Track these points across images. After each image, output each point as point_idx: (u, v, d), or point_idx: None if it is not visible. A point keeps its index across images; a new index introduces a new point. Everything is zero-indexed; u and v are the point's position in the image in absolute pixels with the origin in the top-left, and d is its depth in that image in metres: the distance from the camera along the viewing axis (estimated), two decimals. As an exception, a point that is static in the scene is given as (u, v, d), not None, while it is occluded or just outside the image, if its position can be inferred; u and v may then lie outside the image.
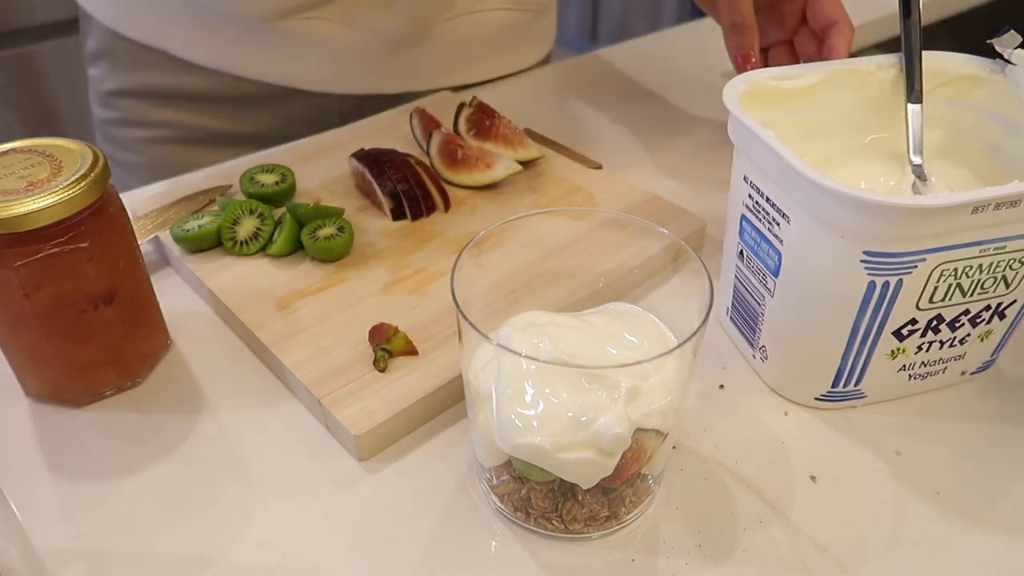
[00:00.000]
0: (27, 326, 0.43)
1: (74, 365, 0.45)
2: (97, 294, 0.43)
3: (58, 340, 0.44)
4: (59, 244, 0.41)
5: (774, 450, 0.46)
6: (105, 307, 0.44)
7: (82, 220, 0.42)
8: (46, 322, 0.43)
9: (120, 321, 0.45)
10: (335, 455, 0.45)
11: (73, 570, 0.39)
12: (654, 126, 0.78)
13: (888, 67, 0.50)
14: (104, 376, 0.47)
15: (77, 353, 0.45)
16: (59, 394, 0.47)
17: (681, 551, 0.40)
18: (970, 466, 0.45)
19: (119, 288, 0.44)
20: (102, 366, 0.46)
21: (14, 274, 0.40)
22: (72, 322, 0.43)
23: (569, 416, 0.36)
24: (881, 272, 0.41)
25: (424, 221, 0.60)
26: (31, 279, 0.41)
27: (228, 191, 0.63)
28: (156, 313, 0.49)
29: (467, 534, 0.41)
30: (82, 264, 0.42)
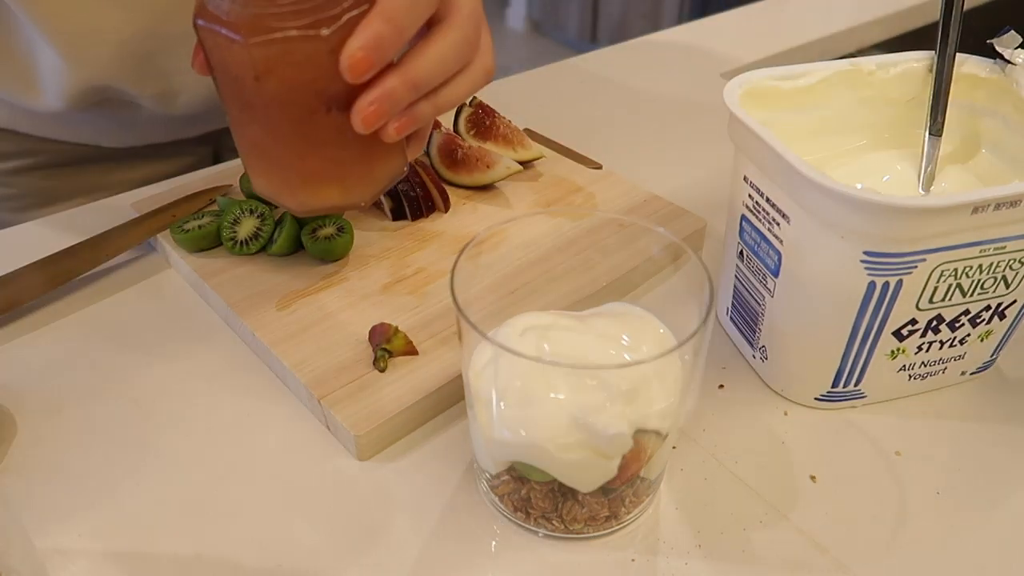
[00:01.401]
0: (255, 115, 0.39)
1: (299, 172, 0.41)
2: (332, 95, 0.38)
3: (284, 139, 0.40)
4: (301, 27, 0.36)
5: (774, 450, 0.46)
6: (339, 113, 0.39)
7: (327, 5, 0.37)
8: (276, 113, 0.39)
9: (354, 135, 0.39)
10: (335, 455, 0.45)
11: (73, 570, 0.39)
12: (654, 126, 0.78)
13: (888, 67, 0.50)
14: (327, 193, 0.42)
15: (303, 159, 0.41)
16: (281, 199, 0.43)
17: (681, 551, 0.40)
18: (970, 466, 0.45)
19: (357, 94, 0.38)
20: (327, 181, 0.42)
21: (247, 52, 0.36)
22: (301, 121, 0.39)
23: (569, 417, 0.36)
24: (881, 272, 0.41)
25: (424, 221, 0.60)
26: (264, 61, 0.36)
27: (228, 191, 0.63)
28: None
29: (467, 534, 0.41)
30: (322, 55, 0.37)
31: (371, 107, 0.38)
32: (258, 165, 0.43)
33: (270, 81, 0.37)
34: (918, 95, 0.51)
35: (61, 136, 0.71)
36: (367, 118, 0.38)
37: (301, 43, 0.36)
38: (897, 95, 0.51)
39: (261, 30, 0.36)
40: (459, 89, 0.42)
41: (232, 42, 0.36)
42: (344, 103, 0.38)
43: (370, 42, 0.36)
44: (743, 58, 0.92)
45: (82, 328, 0.53)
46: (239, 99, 0.39)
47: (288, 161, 0.41)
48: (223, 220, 0.57)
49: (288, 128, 0.39)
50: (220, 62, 0.38)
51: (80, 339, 0.52)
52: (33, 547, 0.40)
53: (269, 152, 0.41)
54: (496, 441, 0.39)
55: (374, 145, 0.41)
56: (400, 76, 0.38)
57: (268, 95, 0.38)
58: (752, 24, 1.03)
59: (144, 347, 0.52)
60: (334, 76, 0.37)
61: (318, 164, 0.41)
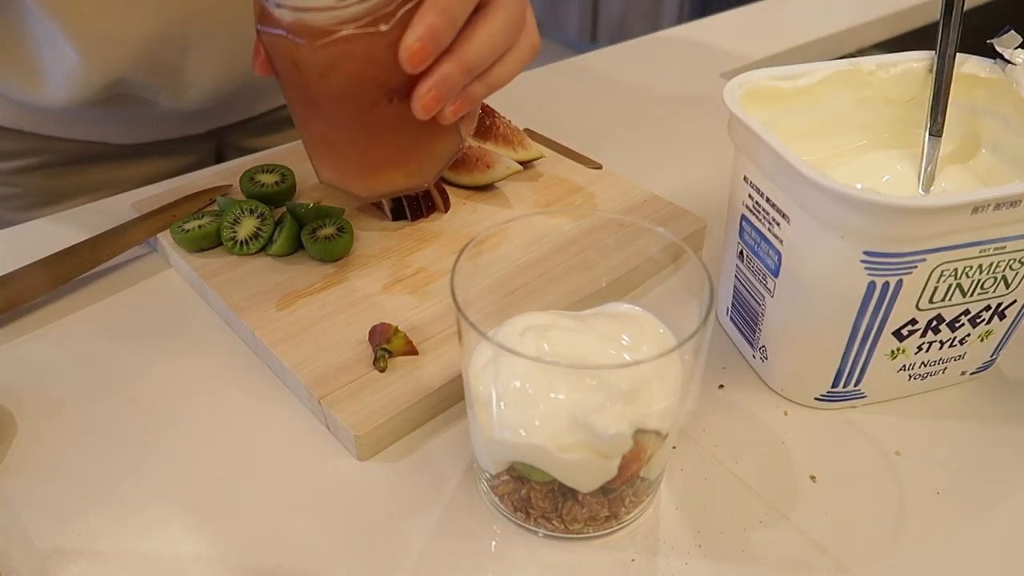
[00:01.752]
0: (321, 110, 0.42)
1: (365, 160, 0.44)
2: (392, 86, 0.40)
3: (350, 130, 0.42)
4: (361, 26, 0.38)
5: (774, 450, 0.46)
6: (399, 102, 0.41)
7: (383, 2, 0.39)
8: (340, 107, 0.41)
9: (413, 121, 0.42)
10: (335, 455, 0.45)
11: (73, 570, 0.39)
12: (654, 126, 0.78)
13: (888, 67, 0.50)
14: (392, 177, 0.45)
15: (367, 148, 0.43)
16: (348, 186, 0.45)
17: (681, 551, 0.40)
18: (970, 466, 0.45)
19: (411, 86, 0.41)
20: (391, 166, 0.44)
21: (312, 54, 0.39)
22: (364, 113, 0.41)
23: (569, 417, 0.36)
24: (881, 272, 0.41)
25: (424, 221, 0.60)
26: (328, 60, 0.39)
27: (228, 191, 0.63)
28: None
29: (467, 534, 0.41)
30: (381, 50, 0.39)
31: (430, 93, 0.40)
32: (325, 157, 0.45)
33: (334, 78, 0.39)
34: (918, 95, 0.51)
35: (67, 134, 0.71)
36: (426, 104, 0.40)
37: (362, 40, 0.38)
38: (897, 95, 0.51)
39: (324, 32, 0.38)
40: (508, 67, 0.44)
41: (297, 46, 0.38)
42: (403, 92, 0.40)
43: (426, 33, 0.38)
44: (743, 58, 0.92)
45: (82, 328, 0.53)
46: (304, 97, 0.42)
47: (354, 151, 0.43)
48: (223, 220, 0.57)
49: (352, 120, 0.42)
50: (285, 65, 0.40)
51: (80, 339, 0.52)
52: (33, 547, 0.40)
53: (335, 144, 0.43)
54: (496, 441, 0.39)
55: (432, 128, 0.43)
56: (454, 61, 0.40)
57: (333, 91, 0.40)
58: (752, 24, 1.03)
59: (144, 347, 0.52)
60: (393, 68, 0.39)
61: (382, 151, 0.43)
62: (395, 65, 0.39)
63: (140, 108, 0.70)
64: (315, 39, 0.38)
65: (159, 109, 0.70)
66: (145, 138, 0.74)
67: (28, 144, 0.71)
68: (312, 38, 0.38)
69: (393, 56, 0.39)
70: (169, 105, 0.69)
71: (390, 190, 0.46)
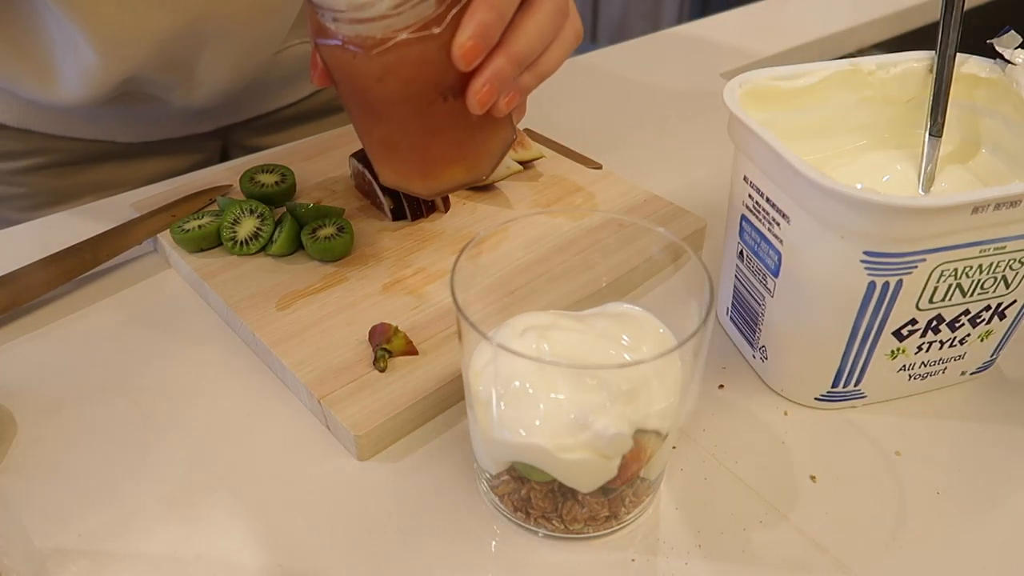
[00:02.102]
0: (380, 115, 0.43)
1: (425, 159, 0.45)
2: (447, 85, 0.42)
3: (409, 131, 0.43)
4: (414, 31, 0.39)
5: (774, 450, 0.46)
6: (454, 100, 0.42)
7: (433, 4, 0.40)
8: (398, 110, 0.42)
9: (467, 117, 0.43)
10: (335, 455, 0.45)
11: (73, 570, 0.39)
12: (654, 126, 0.78)
13: (888, 67, 0.50)
14: (452, 172, 0.46)
15: (427, 147, 0.44)
16: (411, 186, 0.47)
17: (681, 551, 0.40)
18: (970, 466, 0.45)
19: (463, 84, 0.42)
20: (450, 162, 0.45)
21: (368, 61, 0.40)
22: (422, 113, 0.42)
23: (569, 417, 0.36)
24: (881, 272, 0.41)
25: (424, 221, 0.60)
26: (384, 67, 0.40)
27: (228, 191, 0.63)
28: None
29: (467, 534, 0.41)
30: (435, 51, 0.40)
31: (484, 88, 0.41)
32: (386, 159, 0.46)
33: (391, 83, 0.41)
34: (918, 95, 0.51)
35: (74, 133, 0.71)
36: (481, 99, 0.41)
37: (416, 45, 0.39)
38: (897, 95, 0.51)
39: (379, 40, 0.39)
40: (556, 56, 0.45)
41: (354, 55, 0.40)
42: (457, 90, 0.42)
43: (477, 31, 0.39)
44: (743, 58, 0.92)
45: (82, 328, 0.53)
46: (363, 104, 0.43)
47: (414, 151, 0.45)
48: (223, 220, 0.57)
49: (410, 121, 0.43)
50: (343, 74, 0.42)
51: (80, 339, 0.52)
52: (33, 547, 0.40)
53: (395, 146, 0.45)
54: (496, 441, 0.39)
55: (486, 121, 0.44)
56: (505, 55, 0.41)
57: (390, 96, 0.41)
58: (752, 24, 1.03)
59: (144, 347, 0.52)
60: (447, 68, 0.40)
61: (441, 149, 0.45)
62: (449, 65, 0.40)
63: (150, 106, 0.70)
64: (371, 48, 0.39)
65: (168, 107, 0.70)
66: (152, 136, 0.74)
67: (35, 144, 0.71)
68: (368, 47, 0.39)
69: (446, 57, 0.40)
70: (180, 103, 0.69)
71: (452, 185, 0.47)
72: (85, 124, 0.71)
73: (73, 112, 0.68)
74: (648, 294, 0.55)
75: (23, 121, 0.69)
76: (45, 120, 0.69)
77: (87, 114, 0.69)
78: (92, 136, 0.72)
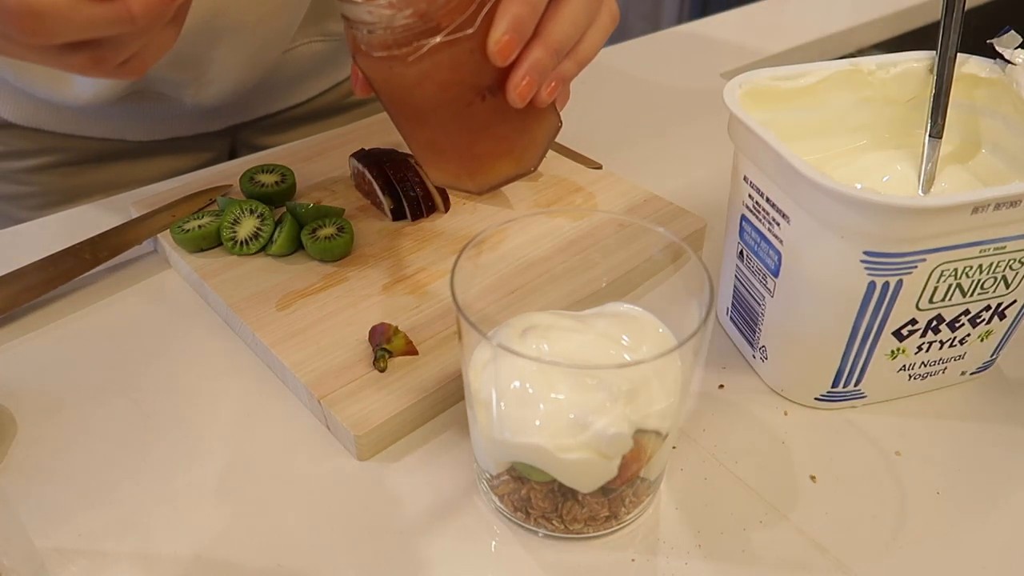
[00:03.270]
0: (423, 119, 0.44)
1: (472, 157, 0.45)
2: (484, 83, 0.42)
3: (452, 132, 0.44)
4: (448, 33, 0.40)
5: (774, 450, 0.46)
6: (492, 97, 0.43)
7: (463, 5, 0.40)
8: (439, 113, 0.43)
9: (508, 111, 0.43)
10: (335, 455, 0.45)
11: (73, 570, 0.39)
12: (654, 126, 0.78)
13: (888, 67, 0.50)
14: (501, 167, 0.46)
15: (472, 145, 0.45)
16: (461, 184, 0.47)
17: (681, 551, 0.40)
18: (970, 466, 0.45)
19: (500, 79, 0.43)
20: (498, 157, 0.46)
21: (406, 69, 0.41)
22: (464, 113, 0.43)
23: (569, 417, 0.36)
24: (881, 272, 0.41)
25: (424, 221, 0.60)
26: (421, 73, 0.41)
27: (228, 191, 0.63)
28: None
29: (467, 534, 0.41)
30: (470, 52, 0.41)
31: (523, 81, 0.41)
32: (434, 161, 0.47)
33: (429, 88, 0.41)
34: (918, 95, 0.51)
35: (85, 131, 0.71)
36: (522, 92, 0.41)
37: (450, 47, 0.40)
38: (897, 95, 0.51)
39: (413, 49, 0.40)
40: (594, 41, 0.45)
41: (391, 65, 0.41)
42: (496, 86, 0.42)
43: (511, 25, 0.39)
44: (743, 58, 0.92)
45: (82, 328, 0.53)
46: (406, 109, 0.44)
47: (460, 150, 0.45)
48: (223, 220, 0.57)
49: (453, 122, 0.43)
50: (382, 83, 0.43)
51: (80, 339, 0.52)
52: (33, 547, 0.40)
53: (441, 147, 0.45)
54: (496, 441, 0.39)
55: (529, 113, 0.45)
56: (542, 45, 0.41)
57: (430, 100, 0.42)
58: (752, 24, 1.03)
59: (144, 347, 0.52)
60: (483, 67, 0.41)
61: (487, 145, 0.45)
62: (484, 64, 0.41)
63: (160, 104, 0.70)
64: (405, 56, 0.40)
65: (179, 106, 0.70)
66: (162, 135, 0.74)
67: (45, 143, 0.71)
68: (402, 56, 0.40)
69: (481, 56, 0.40)
70: (190, 101, 0.69)
71: (502, 180, 0.47)
72: (96, 123, 0.71)
73: (84, 111, 0.69)
74: (648, 294, 0.55)
75: (34, 120, 0.69)
76: (56, 119, 0.70)
77: (98, 113, 0.69)
78: (102, 135, 0.72)
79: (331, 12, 0.75)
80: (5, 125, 0.70)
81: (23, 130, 0.70)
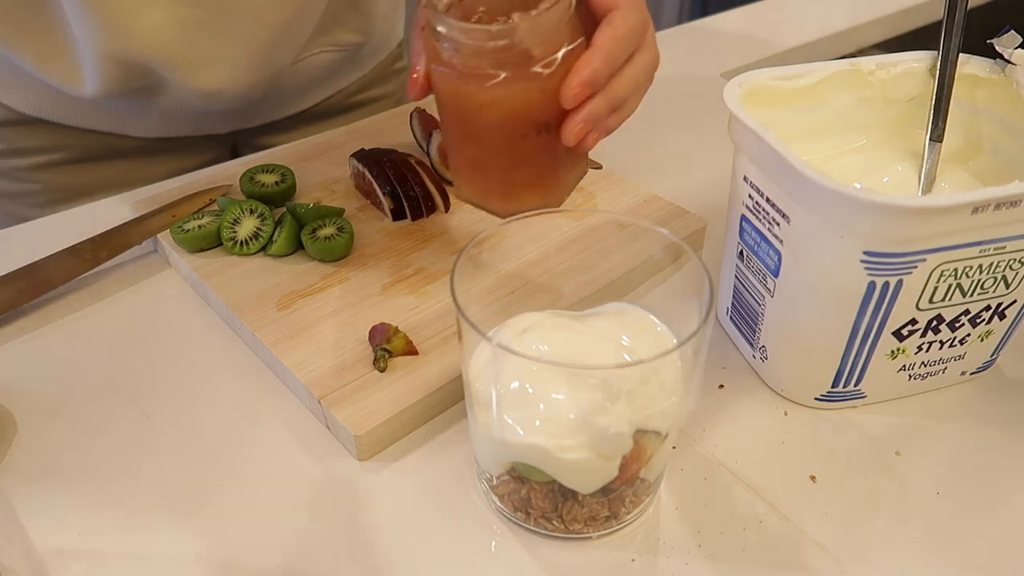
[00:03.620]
0: (475, 139, 0.46)
1: (508, 182, 0.48)
2: (543, 120, 0.45)
3: (499, 156, 0.46)
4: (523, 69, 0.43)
5: (774, 450, 0.46)
6: (544, 135, 0.45)
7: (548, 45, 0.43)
8: (494, 137, 0.45)
9: (553, 150, 0.46)
10: (335, 455, 0.45)
11: (73, 570, 0.39)
12: (654, 126, 0.78)
13: (888, 67, 0.50)
14: (529, 197, 0.49)
15: (511, 172, 0.47)
16: (488, 204, 0.49)
17: (681, 551, 0.40)
18: (970, 466, 0.45)
19: (558, 120, 0.45)
20: (530, 188, 0.48)
21: (480, 92, 0.43)
22: (514, 143, 0.45)
23: (570, 418, 0.36)
24: (881, 272, 0.41)
25: (424, 221, 0.60)
26: (491, 98, 0.43)
27: (228, 191, 0.63)
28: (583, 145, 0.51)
29: (467, 534, 0.41)
30: (537, 92, 0.44)
31: (579, 125, 0.44)
32: (470, 177, 0.49)
33: (495, 113, 0.44)
34: (918, 95, 0.51)
35: (91, 124, 0.71)
36: (577, 134, 0.44)
37: (528, 81, 0.43)
38: (897, 95, 0.51)
39: (490, 75, 0.42)
40: (637, 99, 0.49)
41: (466, 83, 0.43)
42: (552, 125, 0.45)
43: (589, 78, 0.43)
44: (743, 58, 0.92)
45: (82, 328, 0.53)
46: (464, 125, 0.46)
47: (499, 174, 0.48)
48: (223, 220, 0.57)
49: (503, 148, 0.46)
50: (450, 97, 0.45)
51: (80, 339, 0.52)
52: (33, 547, 0.40)
53: (483, 167, 0.48)
54: (496, 441, 0.39)
55: (569, 155, 0.48)
56: (604, 99, 0.44)
57: (491, 124, 0.45)
58: (752, 24, 1.03)
59: (144, 347, 0.52)
60: (548, 106, 0.44)
61: (524, 175, 0.48)
62: (550, 103, 0.44)
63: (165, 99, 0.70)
64: (484, 80, 0.43)
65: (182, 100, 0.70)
66: (166, 133, 0.74)
67: (49, 139, 0.71)
68: (482, 79, 0.43)
69: (550, 96, 0.43)
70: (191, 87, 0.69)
71: (526, 208, 0.48)
72: (101, 115, 0.71)
73: (90, 103, 0.69)
74: (648, 294, 0.55)
75: (40, 110, 0.69)
76: (62, 110, 0.70)
77: (104, 104, 0.70)
78: (107, 128, 0.72)
79: (344, 23, 0.75)
80: (8, 123, 0.70)
81: (27, 127, 0.70)
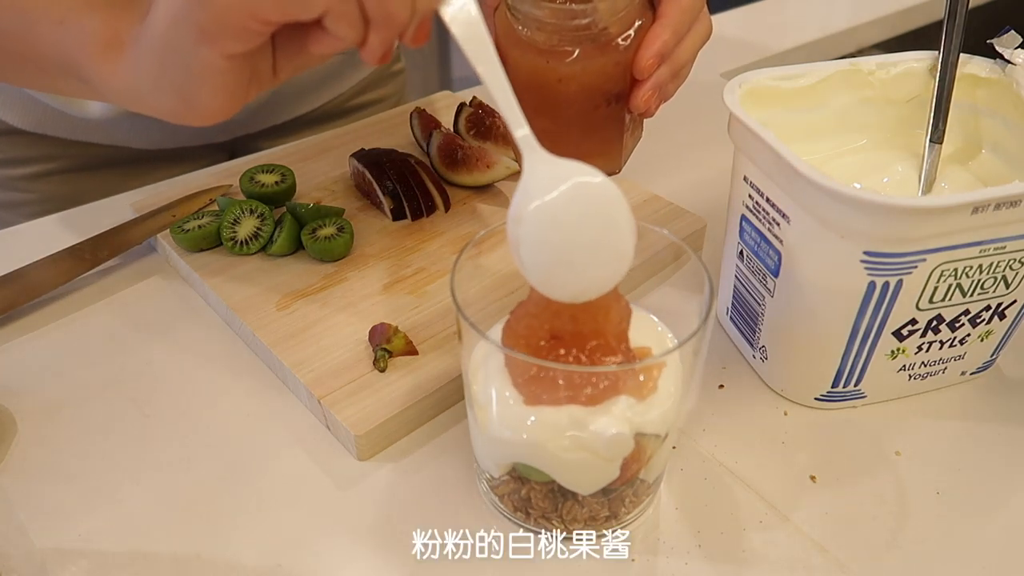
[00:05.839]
0: (550, 111, 0.48)
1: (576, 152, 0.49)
2: (614, 92, 0.47)
3: (571, 127, 0.49)
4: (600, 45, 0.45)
5: (774, 450, 0.46)
6: (614, 105, 0.48)
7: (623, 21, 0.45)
8: (568, 109, 0.47)
9: (620, 118, 0.49)
10: (335, 455, 0.45)
11: (73, 570, 0.39)
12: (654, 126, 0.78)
13: (888, 67, 0.50)
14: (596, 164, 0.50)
15: (581, 142, 0.50)
16: None
17: (681, 551, 0.40)
18: (970, 466, 0.45)
19: (627, 90, 0.47)
20: (596, 156, 0.49)
21: (560, 67, 0.45)
22: (586, 113, 0.48)
23: (569, 418, 0.36)
24: (881, 272, 0.41)
25: (424, 221, 0.60)
26: (570, 73, 0.46)
27: (228, 191, 0.63)
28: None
29: (467, 534, 0.41)
30: (610, 67, 0.46)
31: (648, 94, 0.47)
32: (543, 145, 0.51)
33: (572, 86, 0.46)
34: (918, 95, 0.51)
35: (92, 138, 0.71)
36: (646, 102, 0.47)
37: (604, 55, 0.45)
38: (897, 95, 0.51)
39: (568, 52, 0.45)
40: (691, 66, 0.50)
41: (547, 59, 0.45)
42: (620, 96, 0.47)
43: (661, 50, 0.45)
44: (743, 58, 0.92)
45: (82, 328, 0.53)
46: (538, 99, 0.47)
47: (569, 144, 0.48)
48: (223, 220, 0.57)
49: (577, 119, 0.48)
50: (530, 73, 0.46)
51: (80, 339, 0.52)
52: (33, 547, 0.40)
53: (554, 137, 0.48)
54: (496, 441, 0.39)
55: (631, 123, 0.51)
56: (669, 68, 0.47)
57: (568, 96, 0.47)
58: (752, 24, 1.03)
59: (144, 347, 0.52)
60: (620, 78, 0.46)
61: (591, 144, 0.50)
62: (622, 75, 0.46)
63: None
64: (564, 56, 0.45)
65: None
66: (167, 144, 0.74)
67: (47, 149, 0.71)
68: (562, 55, 0.45)
69: (624, 68, 0.46)
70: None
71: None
72: (103, 130, 0.71)
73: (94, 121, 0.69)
74: (648, 294, 0.55)
75: (41, 126, 0.69)
76: (64, 126, 0.69)
77: (106, 120, 0.69)
78: (108, 142, 0.72)
79: None
80: (7, 132, 0.69)
81: (25, 136, 0.70)
